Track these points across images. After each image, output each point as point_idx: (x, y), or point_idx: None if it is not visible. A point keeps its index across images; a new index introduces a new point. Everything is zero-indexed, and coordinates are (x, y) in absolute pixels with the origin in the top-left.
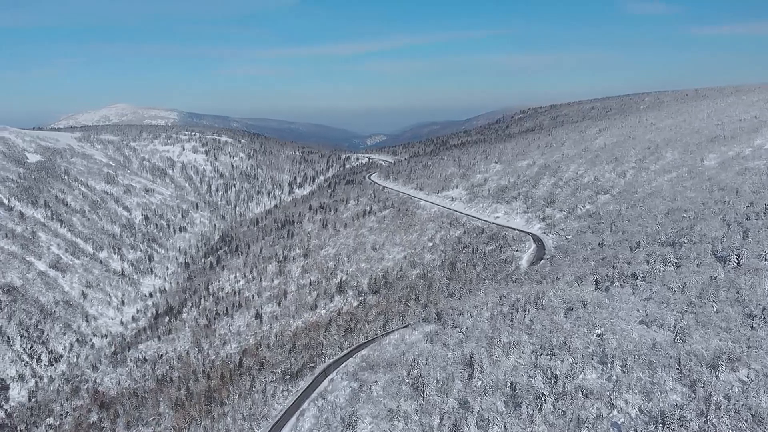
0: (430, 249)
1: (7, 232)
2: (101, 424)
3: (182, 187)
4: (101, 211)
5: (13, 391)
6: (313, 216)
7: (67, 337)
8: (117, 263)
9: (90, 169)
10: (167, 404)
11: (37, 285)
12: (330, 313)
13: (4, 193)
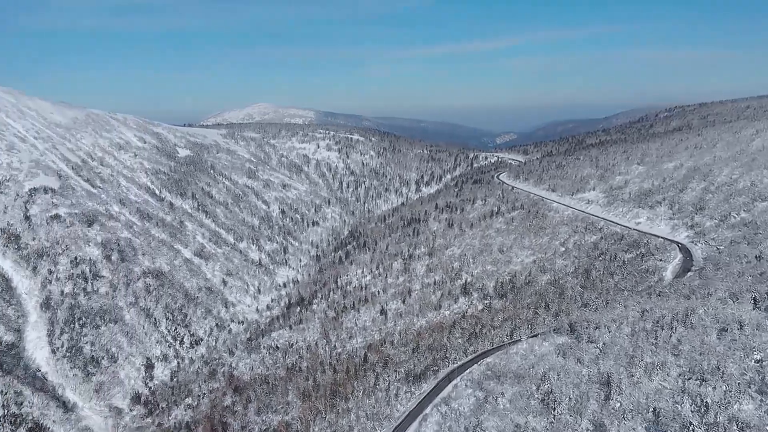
0: (562, 254)
1: (158, 221)
2: (234, 408)
3: (316, 183)
4: (242, 204)
5: (157, 369)
6: (438, 215)
7: (208, 322)
8: (255, 253)
9: (233, 164)
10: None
11: (183, 271)
12: (454, 314)
13: (157, 185)
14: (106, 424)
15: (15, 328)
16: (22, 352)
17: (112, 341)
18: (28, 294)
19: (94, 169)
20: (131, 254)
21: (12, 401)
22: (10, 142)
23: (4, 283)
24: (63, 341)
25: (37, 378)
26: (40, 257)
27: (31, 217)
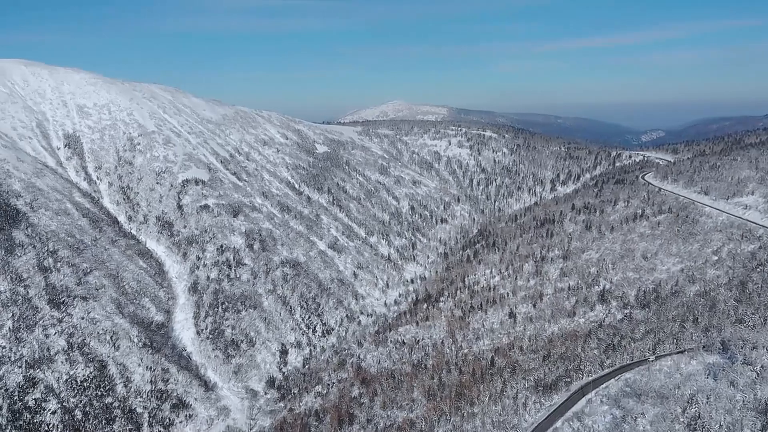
0: (714, 264)
1: (296, 213)
2: (361, 400)
3: (446, 180)
4: (374, 200)
5: (291, 356)
6: (575, 216)
7: (339, 313)
8: (385, 248)
9: (367, 160)
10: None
11: (317, 262)
12: (590, 323)
13: (296, 179)
14: (242, 405)
15: (165, 309)
16: (170, 332)
17: (251, 326)
18: (178, 278)
19: (241, 163)
20: (271, 244)
21: (159, 378)
22: (166, 137)
23: (158, 266)
24: (207, 324)
25: (183, 357)
26: (190, 244)
27: (183, 206)
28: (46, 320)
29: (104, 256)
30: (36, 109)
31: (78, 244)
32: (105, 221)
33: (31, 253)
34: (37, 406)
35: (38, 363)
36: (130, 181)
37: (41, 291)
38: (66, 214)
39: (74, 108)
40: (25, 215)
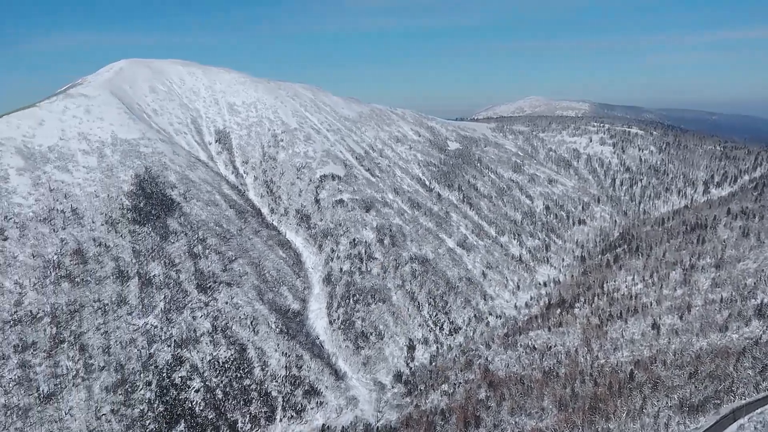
0: None
1: (426, 210)
2: (488, 403)
3: (585, 180)
4: (506, 198)
5: (418, 352)
6: (731, 222)
7: (466, 312)
8: (516, 249)
9: (500, 157)
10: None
11: (446, 260)
12: (744, 340)
13: (427, 176)
14: (370, 397)
15: (301, 298)
16: (305, 320)
17: (380, 319)
18: (314, 269)
19: (374, 160)
20: (401, 240)
21: (293, 364)
22: (307, 134)
23: (296, 257)
24: (339, 314)
25: (315, 345)
26: (325, 237)
27: (320, 200)
28: (194, 303)
29: (248, 245)
30: (191, 107)
31: (225, 233)
32: (249, 212)
33: (183, 240)
34: (182, 384)
35: (185, 343)
36: (273, 176)
37: (191, 276)
38: (215, 204)
39: (225, 106)
40: (178, 205)
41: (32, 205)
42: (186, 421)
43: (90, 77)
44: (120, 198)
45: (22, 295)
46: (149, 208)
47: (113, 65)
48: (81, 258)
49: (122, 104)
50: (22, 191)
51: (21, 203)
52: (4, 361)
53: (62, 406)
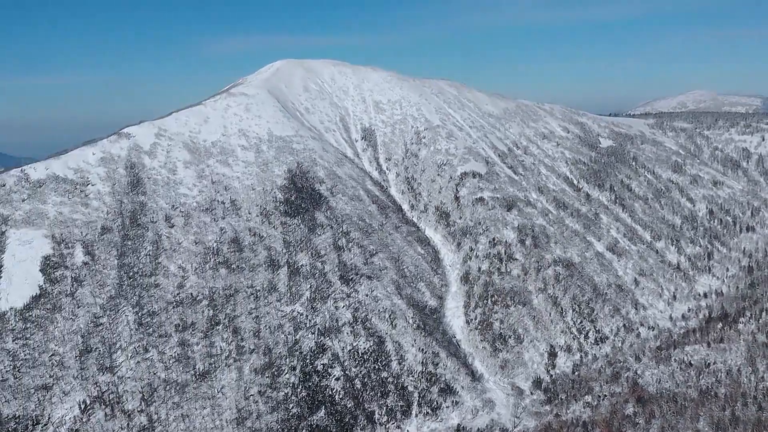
0: None
1: (573, 211)
2: (636, 420)
3: (755, 182)
4: (663, 200)
5: (559, 359)
6: None
7: (615, 321)
8: (673, 255)
9: (658, 156)
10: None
11: (593, 265)
12: None
13: (575, 175)
14: (507, 402)
15: (438, 295)
16: (441, 317)
17: (519, 322)
18: (452, 267)
19: (518, 157)
20: (544, 241)
21: (430, 360)
22: (449, 131)
23: (434, 254)
24: (476, 314)
25: (452, 344)
26: (464, 235)
27: (460, 198)
28: (337, 294)
29: (388, 240)
30: (340, 105)
31: (367, 228)
32: (391, 208)
33: (329, 233)
34: (324, 371)
35: (328, 332)
36: (414, 172)
37: (335, 267)
38: (359, 200)
39: (371, 104)
40: (325, 199)
41: (196, 196)
42: (326, 408)
43: (250, 77)
44: (274, 191)
45: (185, 278)
46: (299, 202)
47: (271, 65)
48: (237, 246)
49: (278, 103)
50: (188, 183)
51: (186, 194)
52: (166, 339)
53: (215, 384)
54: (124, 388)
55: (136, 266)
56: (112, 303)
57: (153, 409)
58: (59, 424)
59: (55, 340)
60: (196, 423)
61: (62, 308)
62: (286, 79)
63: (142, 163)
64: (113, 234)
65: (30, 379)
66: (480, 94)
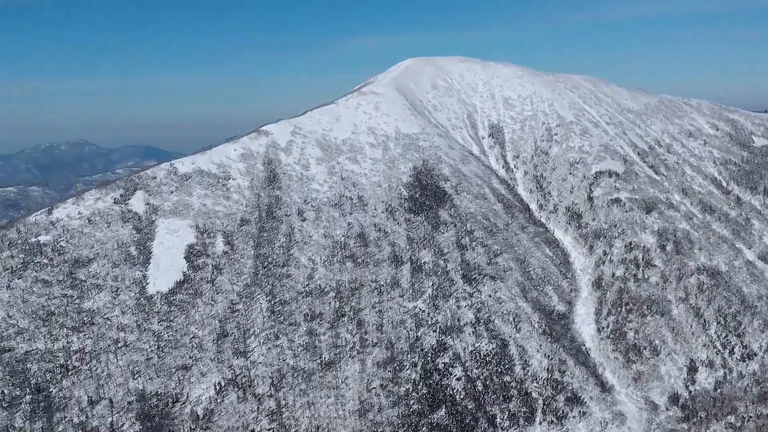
0: None
1: (721, 215)
2: None
3: None
4: None
5: (700, 375)
6: None
7: (765, 336)
8: None
9: None
10: None
11: (742, 274)
12: None
13: (725, 176)
14: (639, 416)
15: (567, 300)
16: (570, 324)
17: (656, 333)
18: (582, 271)
19: (660, 156)
20: (687, 247)
21: (556, 368)
22: (584, 127)
23: (563, 256)
24: (608, 322)
25: (581, 352)
26: (597, 238)
27: (594, 198)
28: (459, 293)
29: (513, 241)
30: (468, 102)
31: (491, 227)
32: (517, 207)
33: (452, 231)
34: (444, 370)
35: (449, 330)
36: (543, 171)
37: (457, 266)
38: (483, 198)
39: (500, 100)
40: (450, 197)
41: (326, 191)
42: (447, 407)
43: (380, 76)
44: (399, 188)
45: (314, 270)
46: (423, 199)
47: (401, 64)
48: (363, 241)
49: (406, 100)
50: (319, 179)
51: (318, 189)
52: (296, 327)
53: (339, 374)
54: (255, 373)
55: (271, 257)
56: (248, 291)
57: (281, 395)
58: (196, 403)
59: (196, 324)
60: (320, 411)
61: (203, 294)
62: (414, 77)
63: (279, 159)
64: (251, 226)
65: (172, 359)
66: (619, 89)
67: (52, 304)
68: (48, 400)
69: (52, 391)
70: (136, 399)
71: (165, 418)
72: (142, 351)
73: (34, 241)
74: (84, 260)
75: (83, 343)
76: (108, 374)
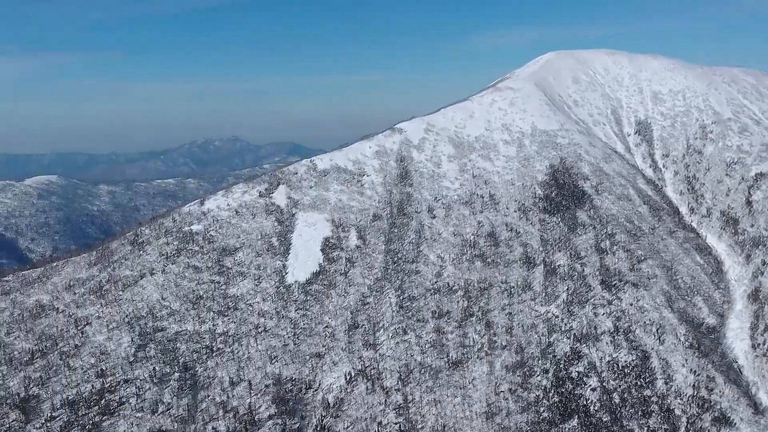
0: None
1: None
2: None
3: None
4: None
5: None
6: None
7: None
8: None
9: None
10: None
11: None
12: None
13: None
14: None
15: (719, 312)
16: (721, 338)
17: None
18: (737, 281)
19: None
20: None
21: (703, 384)
22: (743, 125)
23: (716, 265)
24: (765, 339)
25: (732, 369)
26: (755, 246)
27: (753, 202)
28: (597, 300)
29: (659, 246)
30: (612, 97)
31: (635, 231)
32: (665, 210)
33: (591, 234)
34: (578, 379)
35: (585, 338)
36: (696, 171)
37: (595, 271)
38: (627, 199)
39: (648, 95)
40: (589, 197)
41: (457, 189)
42: (579, 418)
43: (517, 71)
44: (533, 187)
45: (442, 268)
46: (560, 199)
47: (540, 58)
48: (493, 240)
49: (544, 96)
50: (450, 176)
51: (448, 187)
52: (423, 324)
53: (467, 374)
54: (384, 366)
55: (400, 252)
56: (378, 285)
57: (408, 390)
58: (327, 391)
59: (329, 314)
60: (447, 410)
61: (336, 285)
62: (554, 72)
63: (411, 157)
64: (382, 221)
65: (306, 347)
66: None
67: (200, 289)
68: (194, 379)
69: (198, 370)
70: (272, 383)
71: (298, 403)
72: (279, 337)
73: (187, 230)
74: (230, 249)
75: (227, 327)
76: (248, 357)
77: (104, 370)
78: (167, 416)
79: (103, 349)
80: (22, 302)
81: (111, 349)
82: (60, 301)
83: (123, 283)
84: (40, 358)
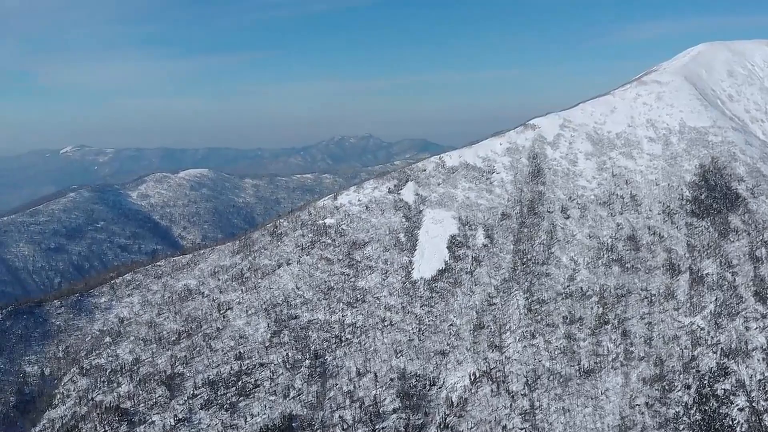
0: None
1: None
2: None
3: None
4: None
5: None
6: None
7: None
8: None
9: None
10: None
11: None
12: None
13: None
14: None
15: None
16: None
17: None
18: None
19: None
20: None
21: None
22: None
23: None
24: None
25: None
26: None
27: None
28: (749, 312)
29: None
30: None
31: None
32: None
33: (744, 240)
34: (724, 397)
35: (733, 354)
36: None
37: (748, 281)
38: None
39: None
40: (744, 200)
41: (594, 188)
42: None
43: (665, 63)
44: (680, 188)
45: (575, 271)
46: (710, 202)
47: (690, 50)
48: (633, 244)
49: (695, 90)
50: (587, 175)
51: (585, 186)
52: (553, 329)
53: (599, 385)
54: (509, 369)
55: (530, 253)
56: (505, 285)
57: (536, 396)
58: (451, 390)
59: (454, 312)
60: (576, 420)
61: (462, 284)
62: (706, 64)
63: (544, 154)
64: (511, 220)
65: (431, 344)
66: None
67: (332, 280)
68: (323, 367)
69: (327, 359)
70: (397, 377)
71: (422, 399)
72: (405, 332)
73: (321, 223)
74: (360, 243)
75: (355, 318)
76: (374, 350)
77: (242, 353)
78: (297, 401)
79: (242, 333)
80: (172, 286)
81: (249, 334)
82: (205, 286)
83: (262, 272)
84: (185, 339)
